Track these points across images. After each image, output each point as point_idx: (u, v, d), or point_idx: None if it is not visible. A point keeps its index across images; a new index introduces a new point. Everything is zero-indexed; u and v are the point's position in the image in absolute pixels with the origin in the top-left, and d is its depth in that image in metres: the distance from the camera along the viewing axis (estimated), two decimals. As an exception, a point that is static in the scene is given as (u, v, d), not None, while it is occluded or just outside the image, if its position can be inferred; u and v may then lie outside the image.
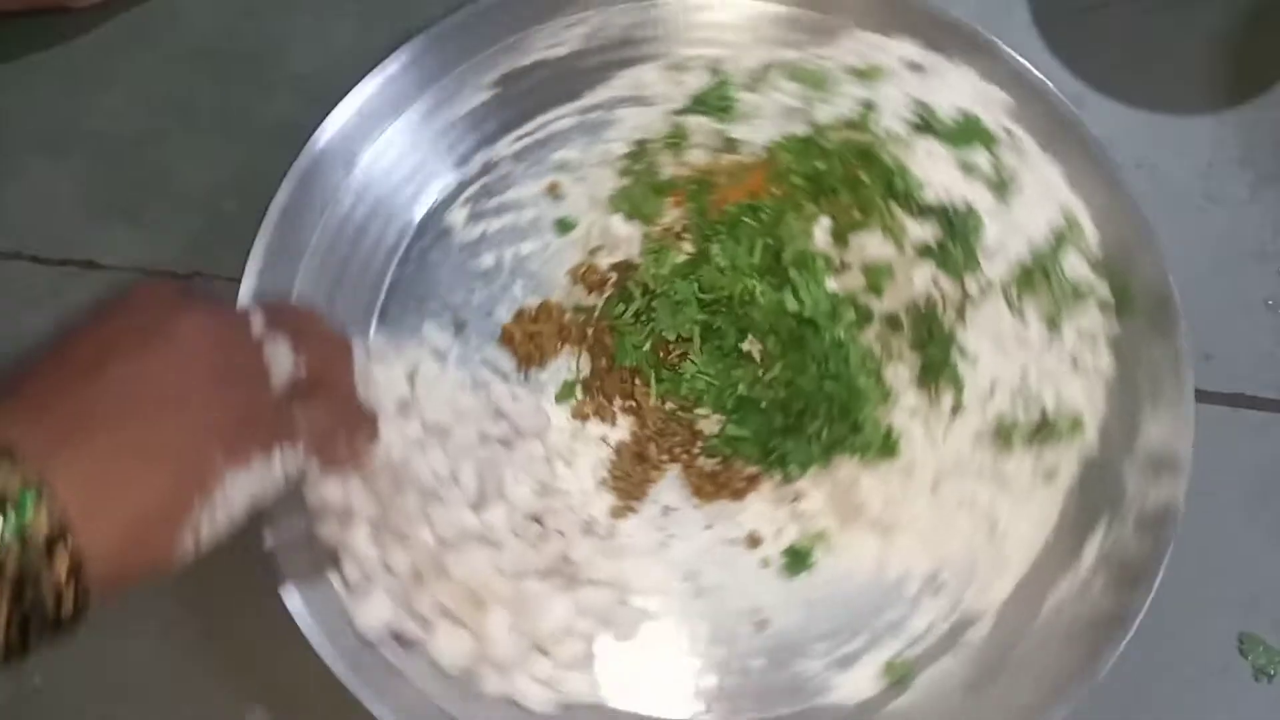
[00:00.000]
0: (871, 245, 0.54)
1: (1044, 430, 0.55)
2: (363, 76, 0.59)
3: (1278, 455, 0.60)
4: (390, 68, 0.60)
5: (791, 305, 0.53)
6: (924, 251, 0.54)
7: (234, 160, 0.63)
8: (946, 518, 0.56)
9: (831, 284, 0.55)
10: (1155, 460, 0.54)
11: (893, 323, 0.55)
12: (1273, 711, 0.55)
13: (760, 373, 0.54)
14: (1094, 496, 0.56)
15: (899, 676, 0.53)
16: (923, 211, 0.54)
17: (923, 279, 0.54)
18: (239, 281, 0.54)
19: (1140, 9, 0.69)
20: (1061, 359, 0.57)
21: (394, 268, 0.60)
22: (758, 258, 0.55)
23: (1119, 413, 0.57)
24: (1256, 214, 0.65)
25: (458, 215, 0.61)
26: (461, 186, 0.62)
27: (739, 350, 0.55)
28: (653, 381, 0.56)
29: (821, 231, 0.55)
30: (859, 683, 0.54)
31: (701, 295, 0.55)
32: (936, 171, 0.56)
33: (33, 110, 0.64)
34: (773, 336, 0.54)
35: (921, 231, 0.54)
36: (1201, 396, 0.54)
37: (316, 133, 0.58)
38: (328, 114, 0.58)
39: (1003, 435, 0.55)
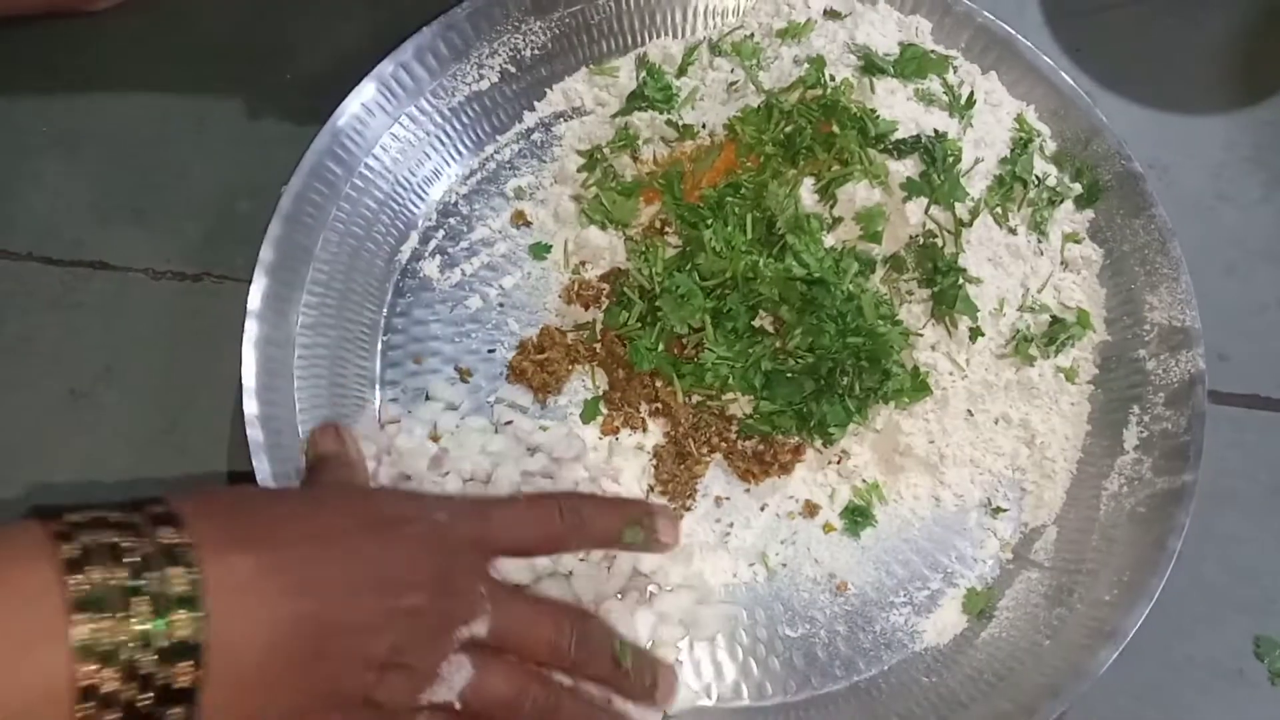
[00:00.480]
0: (859, 194, 0.54)
1: (1056, 332, 0.57)
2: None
3: None
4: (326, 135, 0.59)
5: (797, 270, 0.53)
6: (910, 187, 0.54)
7: (245, 161, 0.62)
8: (986, 440, 0.56)
9: (829, 240, 0.55)
10: (1166, 336, 0.56)
11: (897, 264, 0.55)
12: None
13: (780, 344, 0.54)
14: (1118, 386, 0.57)
15: (981, 606, 0.54)
16: (900, 149, 0.55)
17: (916, 215, 0.54)
18: (248, 283, 0.54)
19: (1152, 9, 0.69)
20: (1054, 261, 0.59)
21: (382, 336, 0.58)
22: (751, 232, 0.55)
23: (1119, 298, 0.59)
24: (1269, 214, 0.65)
25: (430, 266, 0.60)
26: (426, 236, 0.61)
27: (753, 328, 0.55)
28: (675, 379, 0.55)
29: (807, 192, 0.55)
30: (945, 622, 0.54)
31: (703, 283, 0.54)
32: (901, 108, 0.56)
33: (45, 111, 0.64)
34: (784, 306, 0.53)
35: (903, 168, 0.54)
36: (1216, 398, 0.54)
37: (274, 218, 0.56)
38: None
39: (1020, 349, 0.56)
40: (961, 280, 0.54)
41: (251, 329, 0.53)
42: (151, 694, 0.30)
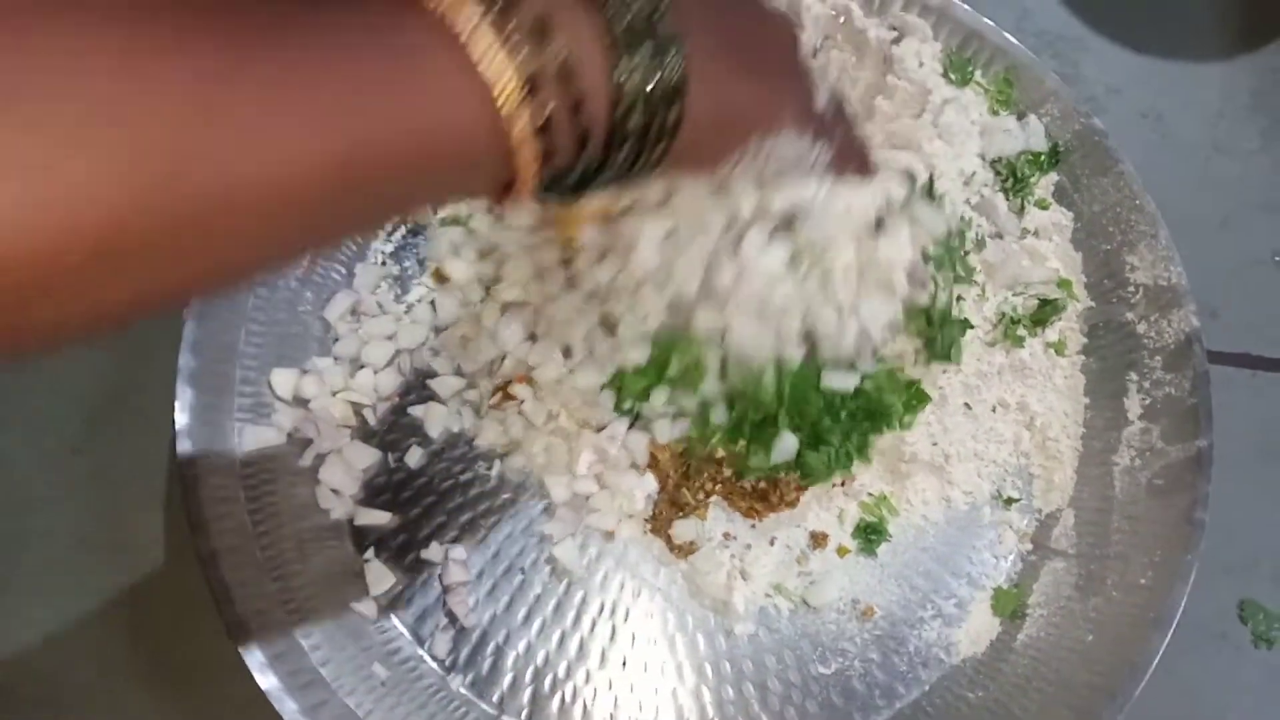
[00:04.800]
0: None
1: (1045, 314, 0.54)
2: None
3: None
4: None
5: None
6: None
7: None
8: (987, 430, 0.54)
9: None
10: (1154, 295, 0.54)
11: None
12: (1271, 678, 0.54)
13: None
14: (1111, 353, 0.55)
15: (1013, 606, 0.52)
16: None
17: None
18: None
19: (1148, -46, 0.64)
20: (1025, 234, 0.56)
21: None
22: None
23: (1097, 261, 0.56)
24: (1267, 164, 0.62)
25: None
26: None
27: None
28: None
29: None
30: (979, 629, 0.52)
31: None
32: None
33: None
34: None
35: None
36: (1208, 356, 0.52)
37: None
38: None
39: (1010, 333, 0.54)
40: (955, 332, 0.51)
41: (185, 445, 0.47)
42: (654, 125, 0.32)
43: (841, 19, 0.58)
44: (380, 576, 0.50)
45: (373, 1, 0.27)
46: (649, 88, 0.31)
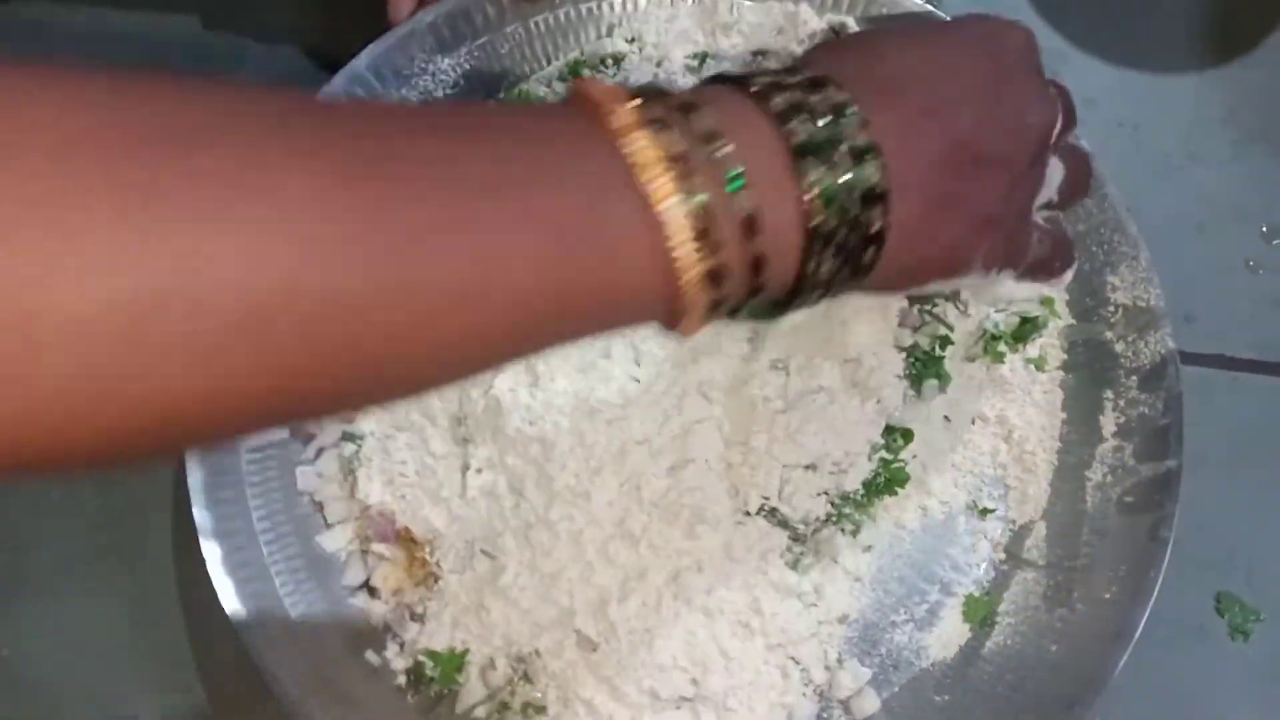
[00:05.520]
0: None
1: (1026, 331, 0.56)
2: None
3: (1257, 416, 0.60)
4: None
5: None
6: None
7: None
8: (965, 441, 0.56)
9: None
10: (1132, 316, 0.55)
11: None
12: (1248, 670, 0.56)
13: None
14: (1089, 371, 0.56)
15: (983, 613, 0.54)
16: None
17: None
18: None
19: (1125, -34, 0.66)
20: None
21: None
22: None
23: (1080, 279, 0.57)
24: (1239, 173, 0.64)
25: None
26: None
27: None
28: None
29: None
30: (949, 634, 0.54)
31: None
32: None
33: None
34: None
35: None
36: (1184, 358, 0.54)
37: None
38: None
39: (990, 349, 0.55)
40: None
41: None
42: (856, 236, 0.30)
43: (838, 34, 0.59)
44: None
45: (544, 118, 0.27)
46: (844, 196, 0.29)
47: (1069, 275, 0.44)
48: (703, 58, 0.60)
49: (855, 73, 0.32)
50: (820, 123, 0.29)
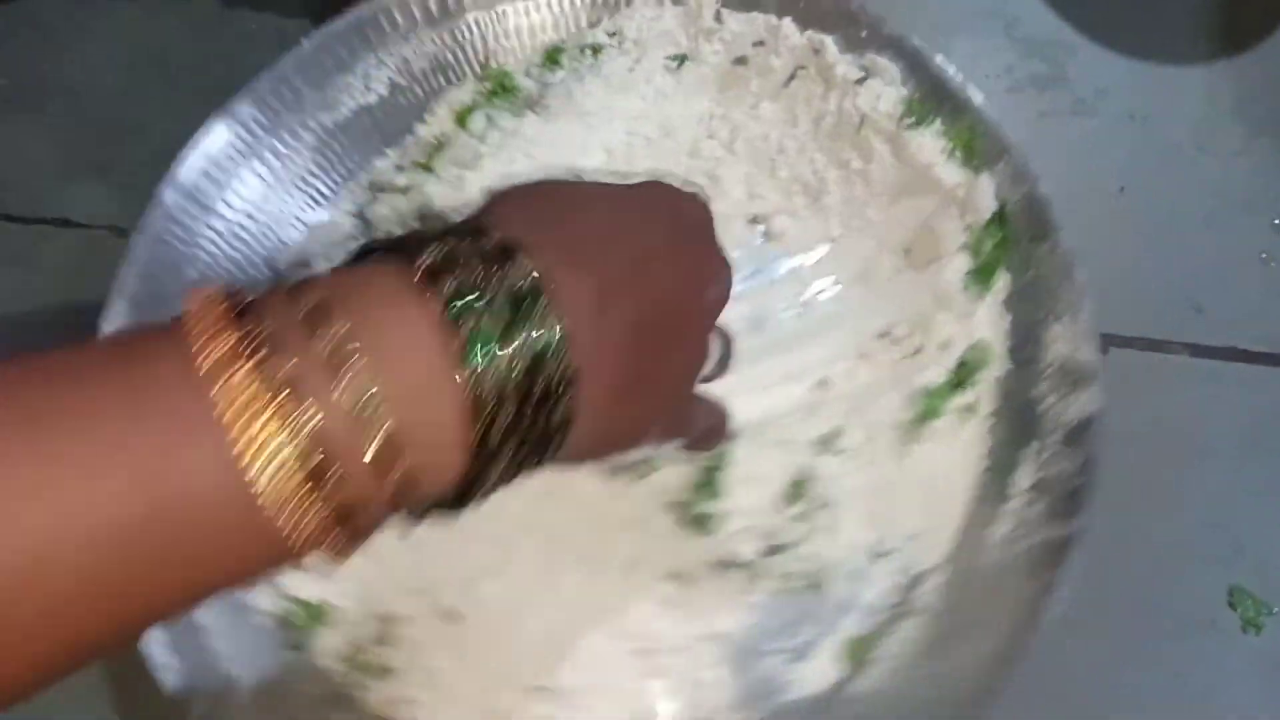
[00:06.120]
0: None
1: (963, 375, 0.54)
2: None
3: (1269, 408, 0.59)
4: (202, 147, 0.56)
5: None
6: None
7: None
8: (882, 480, 0.54)
9: None
10: (1067, 371, 0.53)
11: None
12: (1260, 663, 0.54)
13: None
14: (1016, 422, 0.54)
15: (861, 654, 0.51)
16: None
17: None
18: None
19: (1134, -43, 0.67)
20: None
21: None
22: None
23: (1022, 328, 0.55)
24: (1249, 166, 0.63)
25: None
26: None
27: None
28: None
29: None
30: (823, 668, 0.52)
31: None
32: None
33: (5, 66, 0.63)
34: None
35: None
36: (1193, 350, 0.53)
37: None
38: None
39: (929, 408, 0.54)
40: None
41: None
42: (538, 430, 0.27)
43: (816, 52, 0.59)
44: None
45: (141, 357, 0.23)
46: (523, 388, 0.26)
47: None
48: (681, 59, 0.60)
49: (544, 235, 0.29)
50: (497, 305, 0.26)
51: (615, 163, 0.57)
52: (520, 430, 0.26)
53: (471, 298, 0.25)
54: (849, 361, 0.56)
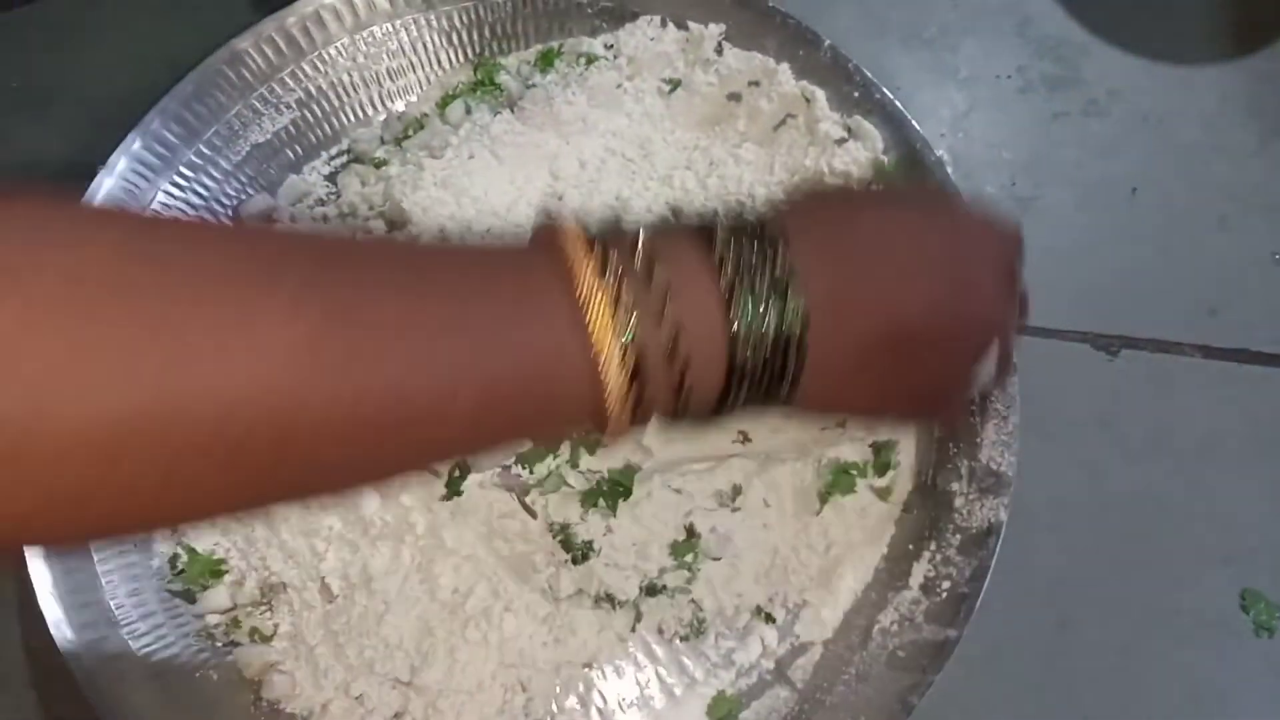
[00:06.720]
0: None
1: (879, 454, 0.54)
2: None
3: None
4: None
5: None
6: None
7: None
8: (785, 544, 0.54)
9: None
10: (980, 476, 0.52)
11: None
12: (1273, 666, 0.54)
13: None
14: (924, 517, 0.54)
15: (725, 712, 0.52)
16: None
17: None
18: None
19: (1149, -42, 0.66)
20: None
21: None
22: None
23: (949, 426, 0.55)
24: (1264, 166, 0.62)
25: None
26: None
27: None
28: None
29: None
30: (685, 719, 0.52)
31: None
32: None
33: (16, 68, 0.63)
34: None
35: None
36: (1205, 352, 0.53)
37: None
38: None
39: (841, 482, 0.54)
40: None
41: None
42: (771, 375, 0.33)
43: (808, 101, 0.58)
44: None
45: (510, 260, 0.32)
46: (765, 341, 0.32)
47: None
48: (675, 84, 0.59)
49: (820, 240, 0.34)
50: (760, 289, 0.32)
51: (586, 175, 0.57)
52: (760, 377, 0.33)
53: (745, 280, 0.32)
54: (776, 419, 0.55)
